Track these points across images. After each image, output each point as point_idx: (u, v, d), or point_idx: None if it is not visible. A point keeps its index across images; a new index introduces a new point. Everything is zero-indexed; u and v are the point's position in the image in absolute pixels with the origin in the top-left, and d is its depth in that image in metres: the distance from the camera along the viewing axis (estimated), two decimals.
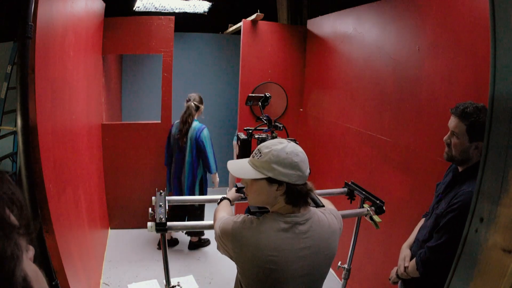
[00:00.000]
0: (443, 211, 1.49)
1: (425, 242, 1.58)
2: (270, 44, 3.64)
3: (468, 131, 1.44)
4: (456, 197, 1.46)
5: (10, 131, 4.25)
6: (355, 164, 2.85)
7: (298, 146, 1.21)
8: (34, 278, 0.46)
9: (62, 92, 2.09)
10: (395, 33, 2.36)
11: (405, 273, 1.64)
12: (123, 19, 3.49)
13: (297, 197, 1.17)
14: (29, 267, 0.47)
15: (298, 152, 1.17)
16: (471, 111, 1.44)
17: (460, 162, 1.53)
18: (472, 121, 1.43)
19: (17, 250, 0.43)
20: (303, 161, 1.16)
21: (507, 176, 0.77)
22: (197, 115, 3.25)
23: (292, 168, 1.14)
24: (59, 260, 1.77)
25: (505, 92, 0.79)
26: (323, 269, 1.24)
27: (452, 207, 1.45)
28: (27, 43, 1.41)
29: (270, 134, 1.73)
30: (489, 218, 0.80)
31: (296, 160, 1.14)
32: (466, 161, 1.51)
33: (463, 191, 1.44)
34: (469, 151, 1.47)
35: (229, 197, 1.61)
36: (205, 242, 3.53)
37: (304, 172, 1.16)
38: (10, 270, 0.41)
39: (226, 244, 1.22)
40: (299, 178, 1.15)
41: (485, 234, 0.81)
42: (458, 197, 1.45)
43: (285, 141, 1.21)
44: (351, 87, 2.90)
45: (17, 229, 0.45)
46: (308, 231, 1.18)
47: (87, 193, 2.70)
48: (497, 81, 0.80)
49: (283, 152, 1.14)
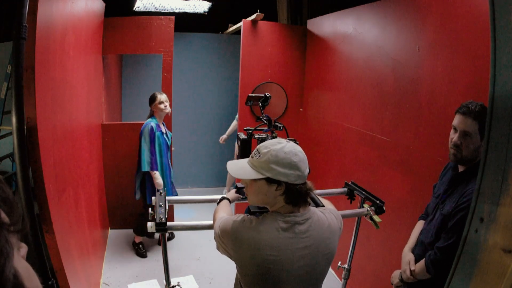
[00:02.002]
0: (451, 210, 1.48)
1: (431, 244, 1.56)
2: (270, 44, 3.64)
3: (480, 129, 1.44)
4: (465, 196, 1.45)
5: (10, 131, 4.25)
6: (355, 164, 2.85)
7: (297, 145, 1.20)
8: (25, 275, 0.46)
9: (62, 92, 2.09)
10: (395, 33, 2.36)
11: (412, 277, 1.61)
12: (123, 19, 3.49)
13: (296, 196, 1.17)
14: (20, 264, 0.47)
15: (297, 151, 1.16)
16: (480, 110, 1.44)
17: (469, 162, 1.51)
18: (482, 120, 1.42)
19: (7, 247, 0.43)
20: (302, 161, 1.16)
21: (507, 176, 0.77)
22: (155, 114, 3.23)
23: (291, 168, 1.14)
24: (59, 260, 1.77)
25: (505, 92, 0.79)
26: (323, 269, 1.24)
27: (460, 207, 1.45)
28: (22, 44, 1.41)
29: (270, 134, 1.73)
30: (489, 218, 0.80)
31: (295, 160, 1.14)
32: (473, 160, 1.50)
33: (471, 189, 1.41)
34: (479, 150, 1.46)
35: (229, 197, 1.61)
36: (140, 251, 3.41)
37: (303, 171, 1.16)
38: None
39: (226, 244, 1.22)
40: (298, 178, 1.15)
41: (485, 234, 0.81)
42: (467, 196, 1.44)
43: (283, 141, 1.20)
44: (351, 87, 2.90)
45: (8, 226, 0.45)
46: (308, 230, 1.18)
47: (87, 193, 2.70)
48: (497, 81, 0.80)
49: (282, 152, 1.14)
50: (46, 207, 1.66)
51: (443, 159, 1.94)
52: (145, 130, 3.14)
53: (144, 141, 3.13)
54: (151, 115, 3.28)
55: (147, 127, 3.14)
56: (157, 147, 3.17)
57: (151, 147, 3.13)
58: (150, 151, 3.14)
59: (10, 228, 0.46)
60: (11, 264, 0.43)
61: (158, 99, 3.21)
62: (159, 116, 3.25)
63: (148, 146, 3.13)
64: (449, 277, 0.90)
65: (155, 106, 3.22)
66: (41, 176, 1.62)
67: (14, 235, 0.47)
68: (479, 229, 0.83)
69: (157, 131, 3.16)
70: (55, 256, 1.75)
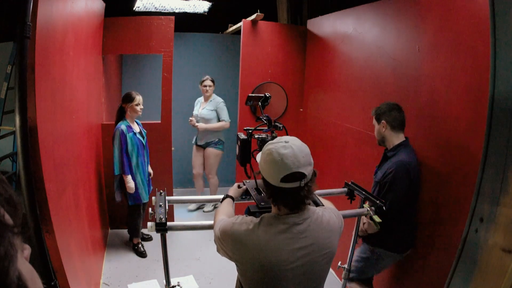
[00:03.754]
0: (382, 179, 2.08)
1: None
2: (270, 44, 3.64)
3: (377, 119, 2.18)
4: (390, 167, 2.04)
5: (10, 131, 4.25)
6: (355, 164, 2.85)
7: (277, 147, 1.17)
8: (29, 277, 0.46)
9: (62, 92, 2.09)
10: (395, 33, 2.36)
11: (365, 231, 2.15)
12: (123, 19, 3.49)
13: (289, 199, 1.17)
14: (24, 267, 0.46)
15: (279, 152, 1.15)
16: (376, 110, 2.19)
17: (384, 144, 2.20)
18: (376, 112, 2.18)
19: (11, 250, 0.43)
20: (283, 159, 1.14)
21: (507, 176, 0.77)
22: (128, 116, 3.18)
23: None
24: (59, 260, 1.77)
25: (505, 92, 0.79)
26: (323, 268, 1.24)
27: (388, 173, 2.04)
28: (26, 43, 1.41)
29: (270, 134, 1.73)
30: (489, 218, 0.80)
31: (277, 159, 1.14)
32: (384, 143, 2.19)
33: (391, 162, 2.06)
34: (383, 135, 2.15)
35: (232, 194, 1.61)
36: (140, 250, 3.40)
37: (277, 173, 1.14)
38: (4, 270, 0.41)
39: (226, 246, 1.22)
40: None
41: (485, 234, 0.81)
42: (391, 166, 2.03)
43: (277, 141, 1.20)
44: (351, 87, 2.90)
45: (12, 228, 0.45)
46: (306, 230, 1.18)
47: (87, 193, 2.70)
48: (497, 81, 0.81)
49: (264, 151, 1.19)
50: (46, 207, 1.66)
51: (443, 159, 1.94)
52: (116, 134, 3.10)
53: (115, 145, 3.10)
54: (121, 115, 3.18)
55: (118, 130, 3.09)
56: (130, 149, 3.12)
57: (121, 151, 3.09)
58: (120, 155, 3.11)
59: (14, 230, 0.45)
60: (15, 267, 0.43)
61: (136, 100, 3.14)
62: (131, 117, 3.19)
63: (119, 150, 3.10)
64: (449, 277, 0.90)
65: (131, 107, 3.14)
66: (41, 176, 1.62)
67: (18, 236, 0.46)
68: (479, 229, 0.83)
69: (128, 132, 3.11)
70: (55, 256, 1.74)
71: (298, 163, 1.12)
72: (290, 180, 1.12)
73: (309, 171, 1.16)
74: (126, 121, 3.17)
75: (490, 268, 0.78)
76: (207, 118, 4.07)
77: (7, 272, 0.41)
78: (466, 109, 1.80)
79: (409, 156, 2.01)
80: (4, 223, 0.44)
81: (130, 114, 3.17)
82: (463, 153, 1.81)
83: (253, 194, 1.59)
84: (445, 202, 1.92)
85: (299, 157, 1.13)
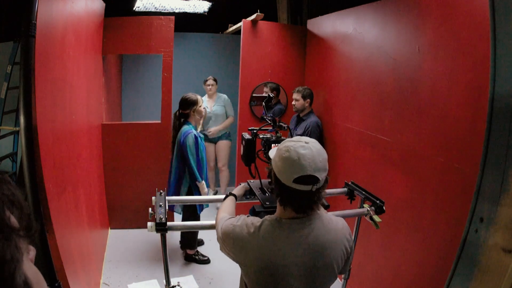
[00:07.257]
0: (303, 132, 3.12)
1: None
2: (270, 44, 3.64)
3: (302, 98, 3.25)
4: (308, 124, 3.19)
5: (10, 131, 4.25)
6: (355, 164, 2.85)
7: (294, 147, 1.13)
8: (34, 280, 0.46)
9: (62, 92, 2.09)
10: (395, 33, 2.36)
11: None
12: (123, 19, 3.49)
13: (295, 200, 1.14)
14: (30, 270, 0.46)
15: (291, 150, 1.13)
16: (302, 89, 3.27)
17: (301, 112, 3.32)
18: (302, 92, 3.26)
19: (17, 253, 0.42)
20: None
21: (507, 176, 0.77)
22: (191, 118, 3.00)
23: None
24: (59, 260, 1.77)
25: (505, 92, 0.79)
26: (326, 273, 1.19)
27: (307, 127, 3.18)
28: (31, 41, 1.40)
29: (275, 134, 1.73)
30: (489, 218, 0.80)
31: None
32: (302, 111, 3.30)
33: (307, 121, 3.24)
34: (304, 106, 3.26)
35: (235, 193, 1.61)
36: (202, 258, 3.33)
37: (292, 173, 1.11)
38: (10, 274, 0.40)
39: (228, 247, 1.22)
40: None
41: (485, 234, 0.81)
42: (309, 124, 3.19)
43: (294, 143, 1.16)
44: (351, 87, 2.90)
45: (17, 231, 0.44)
46: (310, 234, 1.15)
47: (87, 193, 2.70)
48: (497, 81, 0.81)
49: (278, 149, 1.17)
50: (46, 207, 1.66)
51: (443, 159, 1.94)
52: (189, 140, 2.87)
53: (190, 152, 2.88)
54: (184, 120, 2.98)
55: (191, 137, 2.88)
56: (201, 154, 2.99)
57: (197, 157, 2.93)
58: (196, 162, 2.93)
59: (20, 233, 0.45)
60: (21, 271, 0.43)
61: (200, 101, 2.96)
62: (196, 120, 3.01)
63: (195, 157, 2.92)
64: (449, 277, 0.90)
65: (195, 110, 2.94)
66: (41, 176, 1.62)
67: (24, 239, 0.46)
68: (479, 229, 0.83)
69: (198, 137, 2.96)
70: (55, 256, 1.74)
71: (315, 166, 1.09)
72: (303, 182, 1.09)
73: (323, 177, 1.13)
74: (191, 125, 2.96)
75: (490, 268, 0.78)
76: (219, 114, 4.38)
77: (13, 277, 0.41)
78: (466, 109, 1.79)
79: (315, 118, 3.27)
80: (10, 226, 0.43)
81: (195, 118, 2.99)
82: (463, 153, 1.81)
83: (258, 194, 1.59)
84: (445, 202, 1.92)
85: (317, 160, 1.10)
